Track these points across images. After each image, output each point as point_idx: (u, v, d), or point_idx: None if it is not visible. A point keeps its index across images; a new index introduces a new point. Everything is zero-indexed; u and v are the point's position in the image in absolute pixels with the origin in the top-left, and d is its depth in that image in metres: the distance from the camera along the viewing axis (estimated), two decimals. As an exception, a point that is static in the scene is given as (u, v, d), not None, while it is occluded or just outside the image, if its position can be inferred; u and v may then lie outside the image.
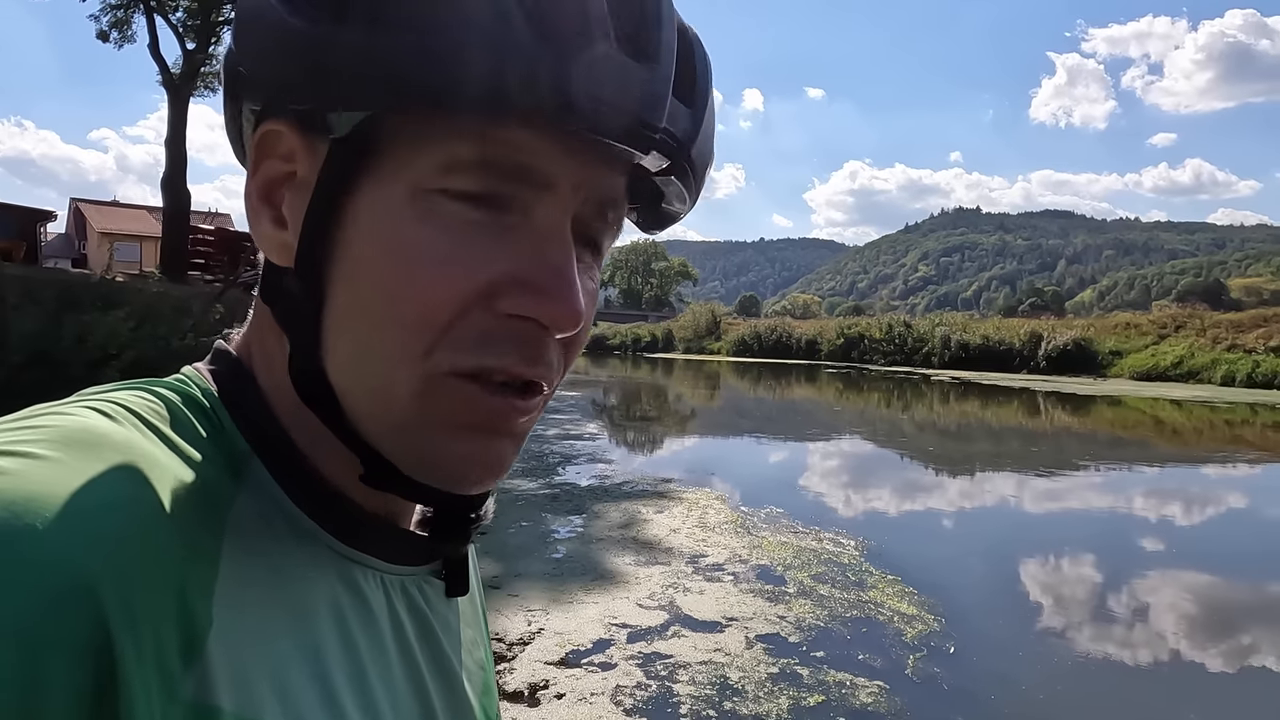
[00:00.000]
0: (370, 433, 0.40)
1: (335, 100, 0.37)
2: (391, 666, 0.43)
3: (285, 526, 0.40)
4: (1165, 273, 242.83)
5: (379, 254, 0.37)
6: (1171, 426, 16.79)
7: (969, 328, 38.13)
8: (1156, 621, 5.11)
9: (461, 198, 0.37)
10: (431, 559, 0.49)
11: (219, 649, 0.34)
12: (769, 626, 4.60)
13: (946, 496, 9.24)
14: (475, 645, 0.53)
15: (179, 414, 0.39)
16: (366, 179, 0.37)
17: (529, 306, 0.38)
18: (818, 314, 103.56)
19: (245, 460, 0.40)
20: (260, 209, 0.40)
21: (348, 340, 0.39)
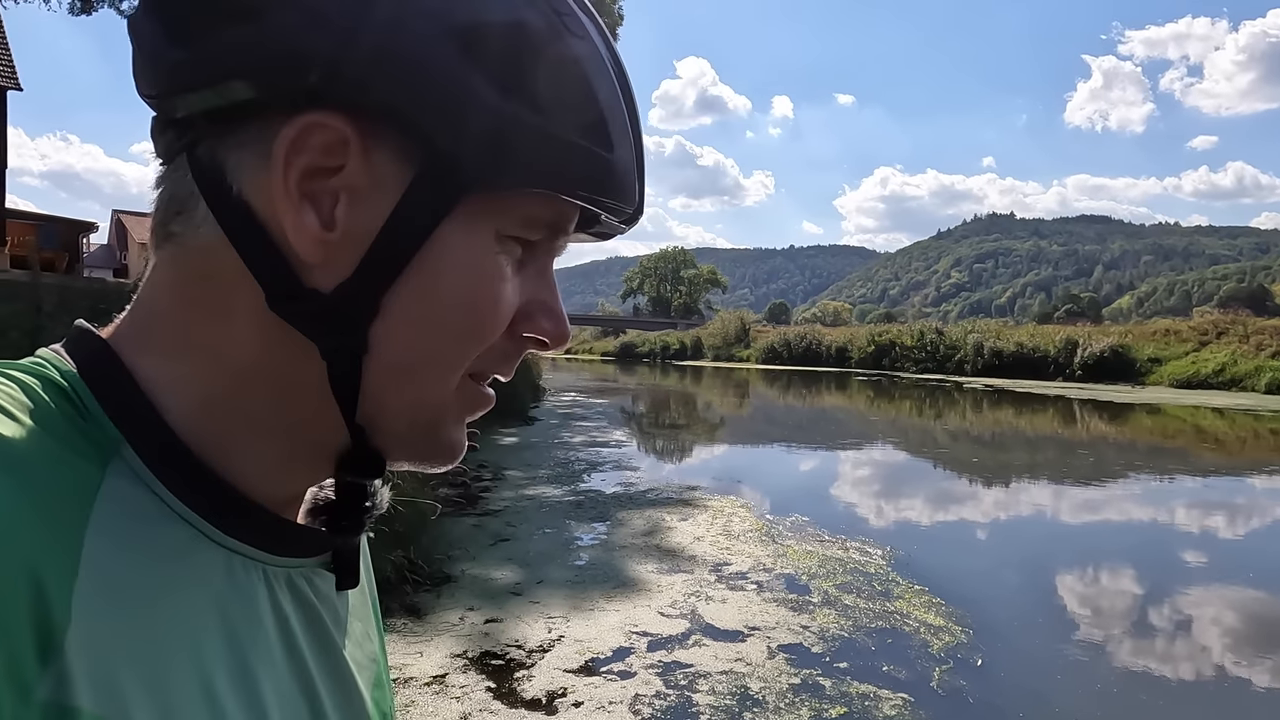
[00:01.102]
0: (385, 427, 0.43)
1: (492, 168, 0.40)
2: (275, 660, 0.42)
3: (159, 516, 0.38)
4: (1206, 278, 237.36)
5: (466, 280, 0.41)
6: (1214, 436, 16.33)
7: (1003, 334, 37.56)
8: (1198, 638, 4.95)
9: (520, 242, 0.43)
10: (323, 551, 0.47)
11: (79, 646, 0.32)
12: (792, 636, 4.53)
13: (978, 506, 9.06)
14: (366, 638, 0.52)
15: (36, 397, 0.36)
16: (457, 214, 0.40)
17: (545, 330, 0.45)
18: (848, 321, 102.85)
19: (115, 447, 0.38)
20: (302, 204, 0.39)
21: (403, 349, 0.41)
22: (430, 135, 0.38)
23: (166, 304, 0.42)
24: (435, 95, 0.38)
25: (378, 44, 0.37)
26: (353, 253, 0.39)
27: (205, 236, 0.40)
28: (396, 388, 0.42)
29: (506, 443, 11.97)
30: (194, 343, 0.41)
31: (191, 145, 0.40)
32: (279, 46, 0.37)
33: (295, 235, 0.39)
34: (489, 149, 0.39)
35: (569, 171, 0.41)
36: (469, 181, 0.40)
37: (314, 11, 0.37)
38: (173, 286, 0.42)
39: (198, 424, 0.40)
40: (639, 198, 0.46)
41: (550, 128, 0.40)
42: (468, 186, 0.40)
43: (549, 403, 19.51)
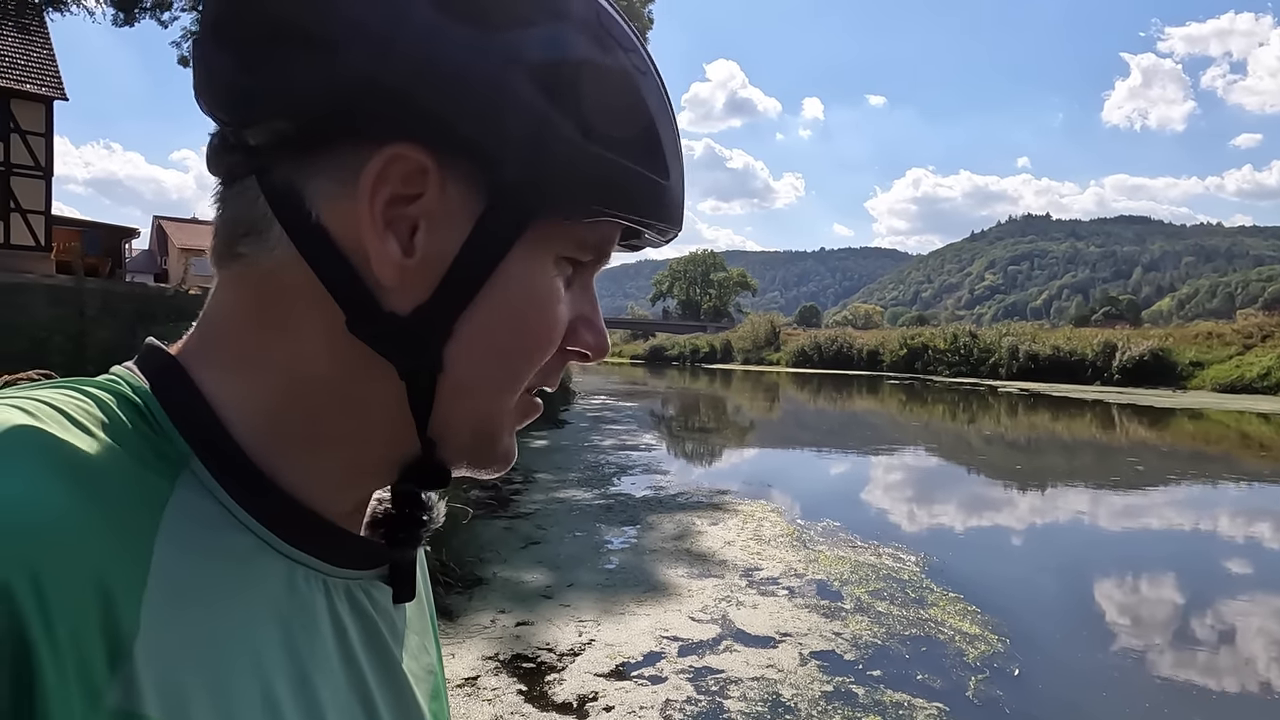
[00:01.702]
0: (449, 439, 0.44)
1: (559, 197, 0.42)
2: (335, 671, 0.43)
3: (226, 527, 0.39)
4: (1250, 280, 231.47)
5: (530, 303, 0.43)
6: (1259, 441, 15.90)
7: (1038, 338, 36.98)
8: (1243, 648, 4.81)
9: (571, 261, 0.45)
10: (380, 563, 0.48)
11: (147, 654, 0.33)
12: (824, 643, 4.49)
13: (1014, 512, 8.91)
14: (424, 651, 0.53)
15: (110, 413, 0.38)
16: (523, 240, 0.42)
17: (588, 344, 0.47)
18: (880, 324, 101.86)
19: (184, 460, 0.39)
20: (385, 231, 0.40)
21: (470, 368, 0.43)
22: (502, 165, 0.40)
23: (235, 322, 0.43)
24: (507, 127, 0.39)
25: (451, 76, 0.38)
26: (429, 278, 0.41)
27: (278, 258, 0.41)
28: (464, 404, 0.43)
29: (537, 446, 12.02)
30: (262, 359, 0.42)
31: (262, 170, 0.41)
32: (356, 78, 0.38)
33: (378, 261, 0.40)
34: (558, 179, 0.41)
35: (628, 198, 0.43)
36: (536, 209, 0.41)
37: (388, 44, 0.38)
38: (241, 305, 0.43)
39: (263, 438, 0.41)
40: (682, 215, 0.48)
41: (612, 156, 0.42)
42: (535, 214, 0.41)
43: (579, 406, 19.58)
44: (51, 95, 19.13)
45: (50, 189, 19.61)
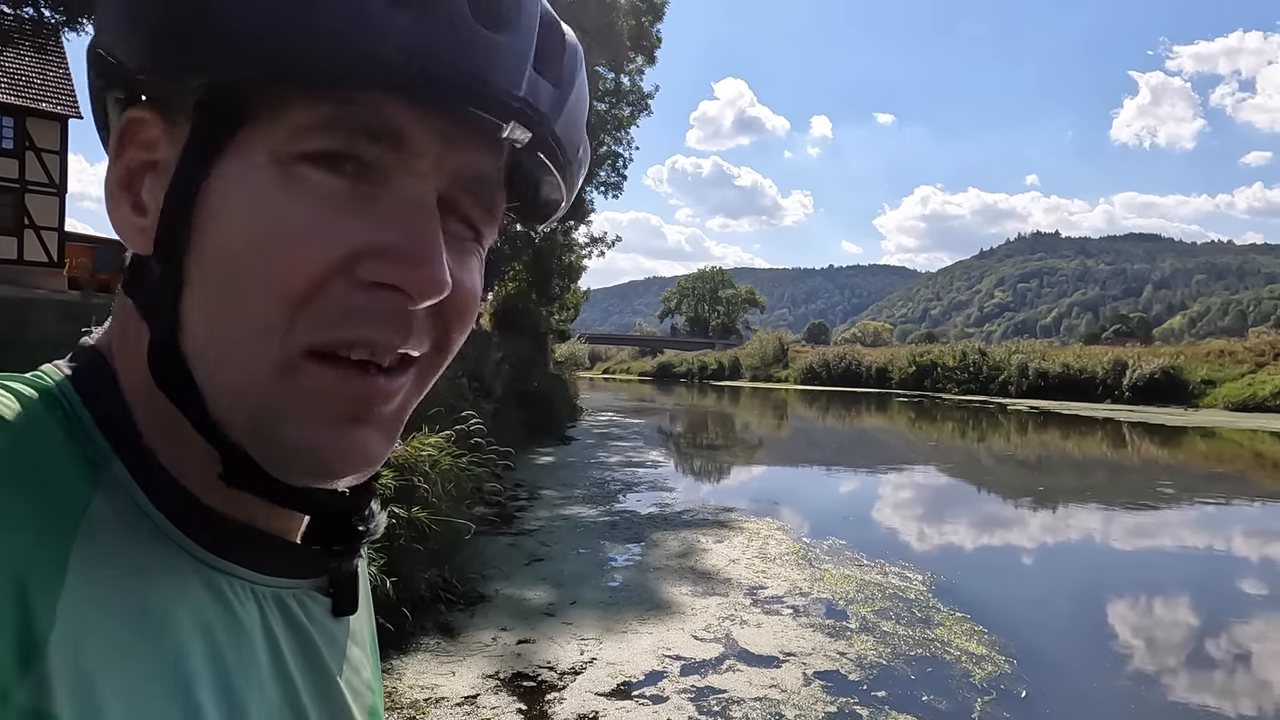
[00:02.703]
0: (229, 423, 0.38)
1: (184, 69, 0.36)
2: (263, 682, 0.41)
3: (145, 531, 0.37)
4: (1263, 298, 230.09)
5: (238, 225, 0.36)
6: (1273, 460, 15.74)
7: (1048, 355, 36.80)
8: (1258, 672, 4.73)
9: (323, 164, 0.36)
10: (315, 573, 0.46)
11: (60, 657, 0.32)
12: (828, 663, 4.43)
13: (1023, 531, 8.83)
14: (362, 664, 0.50)
15: (31, 409, 0.36)
16: (229, 152, 0.37)
17: (390, 273, 0.36)
18: (888, 341, 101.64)
19: (104, 460, 0.37)
20: (119, 196, 0.39)
21: (205, 320, 0.37)
22: (143, 83, 0.38)
23: (115, 316, 0.42)
24: (133, 44, 0.37)
25: (98, 11, 0.39)
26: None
27: None
28: (214, 368, 0.37)
29: (542, 462, 12.00)
30: (128, 354, 0.40)
31: None
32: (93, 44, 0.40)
33: (120, 229, 0.39)
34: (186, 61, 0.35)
35: (305, 51, 0.34)
36: (205, 111, 0.37)
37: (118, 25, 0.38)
38: (117, 299, 0.42)
39: (157, 438, 0.39)
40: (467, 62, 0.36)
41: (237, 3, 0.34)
42: (212, 118, 0.37)
43: (585, 422, 19.55)
44: (66, 114, 19.37)
45: (64, 206, 19.81)
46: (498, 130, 0.38)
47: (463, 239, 0.42)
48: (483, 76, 0.36)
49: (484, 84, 0.36)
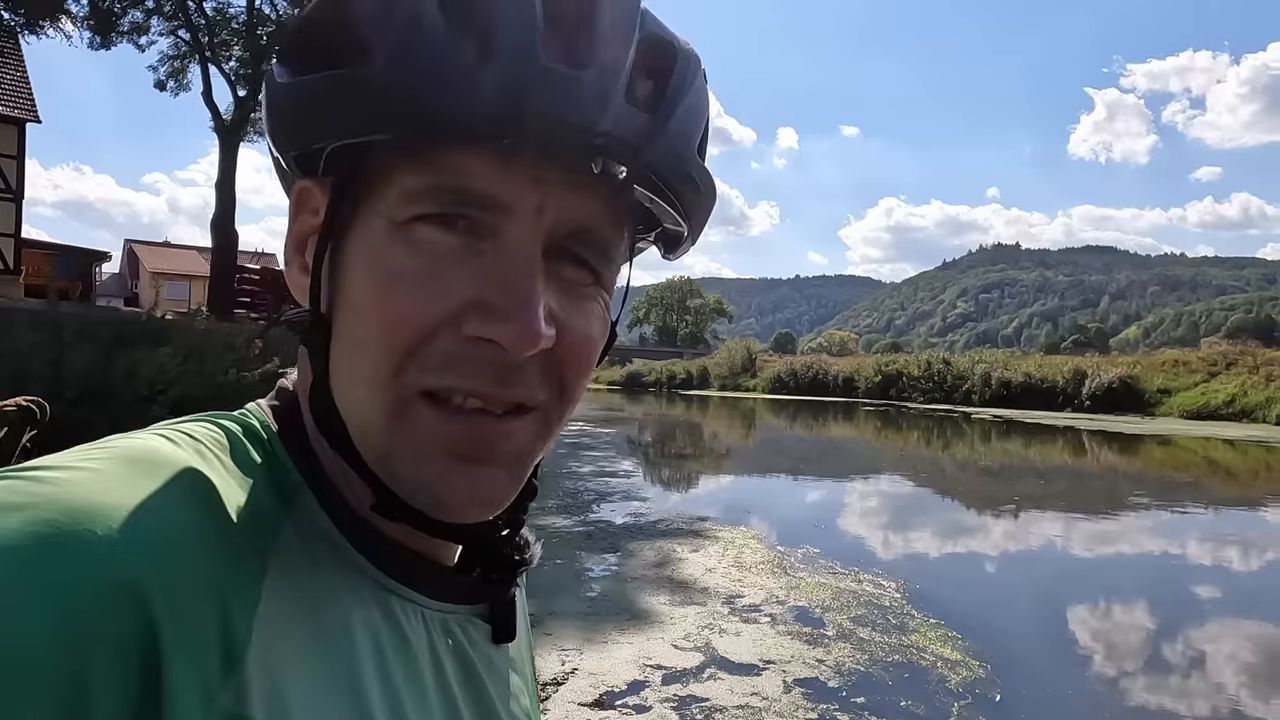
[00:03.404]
0: (368, 459, 0.41)
1: (302, 140, 0.41)
2: (429, 703, 0.43)
3: (329, 556, 0.42)
4: (1214, 309, 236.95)
5: (364, 281, 0.40)
6: (1226, 467, 16.21)
7: (1010, 365, 37.44)
8: (1215, 674, 4.88)
9: (437, 223, 0.39)
10: (476, 600, 0.49)
11: (256, 665, 0.35)
12: (808, 670, 4.49)
13: (991, 539, 8.99)
14: (521, 692, 0.53)
15: (237, 444, 0.42)
16: (360, 214, 0.41)
17: (489, 329, 0.39)
18: (854, 351, 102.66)
19: (296, 490, 0.42)
20: (294, 259, 0.45)
21: (343, 367, 0.41)
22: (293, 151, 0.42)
23: (301, 358, 0.47)
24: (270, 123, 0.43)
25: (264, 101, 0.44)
26: None
27: None
28: (349, 410, 0.42)
29: (515, 472, 11.92)
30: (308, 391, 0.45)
31: None
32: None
33: (291, 287, 0.45)
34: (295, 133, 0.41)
35: (391, 115, 0.37)
36: (340, 180, 0.41)
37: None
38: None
39: (334, 468, 0.44)
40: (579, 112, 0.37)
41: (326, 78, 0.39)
42: (342, 186, 0.41)
43: (557, 432, 19.45)
44: (24, 118, 18.93)
45: (20, 212, 19.32)
46: (590, 171, 0.38)
47: (579, 284, 0.43)
48: (563, 119, 0.37)
49: (566, 126, 0.37)
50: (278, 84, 0.41)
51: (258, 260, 29.64)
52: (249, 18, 20.96)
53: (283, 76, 0.41)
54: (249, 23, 20.94)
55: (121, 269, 43.93)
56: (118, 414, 8.10)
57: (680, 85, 0.41)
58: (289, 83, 0.40)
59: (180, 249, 44.47)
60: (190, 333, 10.19)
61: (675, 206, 0.43)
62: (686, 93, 0.42)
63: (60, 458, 0.36)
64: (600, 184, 0.40)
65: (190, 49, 21.43)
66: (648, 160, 0.40)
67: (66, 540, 0.31)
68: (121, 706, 0.31)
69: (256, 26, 20.88)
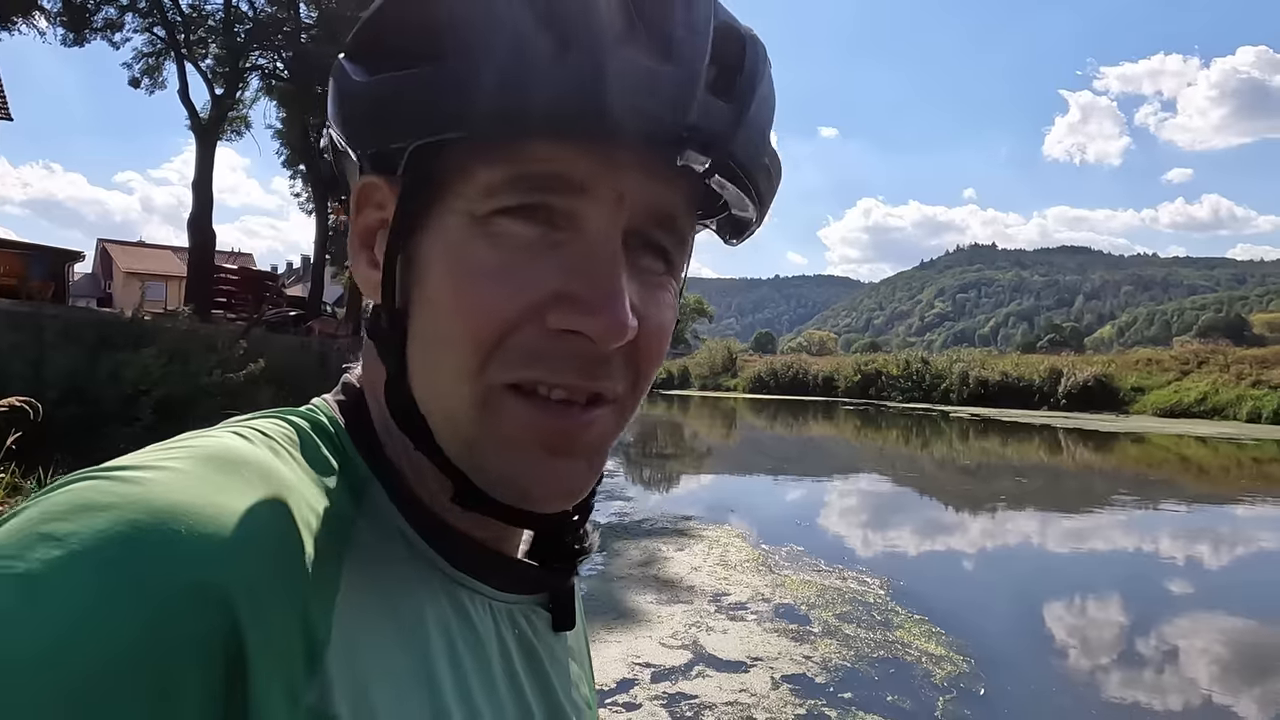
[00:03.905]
0: (450, 452, 0.42)
1: (381, 140, 0.40)
2: (498, 692, 0.44)
3: (401, 549, 0.42)
4: (1185, 308, 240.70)
5: (443, 276, 0.40)
6: (1198, 464, 16.51)
7: (988, 364, 37.87)
8: (1189, 666, 5.00)
9: (518, 214, 0.39)
10: (538, 589, 0.50)
11: (337, 662, 0.35)
12: (795, 666, 4.54)
13: (971, 535, 9.11)
14: (581, 681, 0.53)
15: (308, 440, 0.42)
16: (435, 211, 0.40)
17: (575, 320, 0.39)
18: (834, 351, 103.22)
19: (366, 485, 0.43)
20: (359, 254, 0.45)
21: (422, 362, 0.41)
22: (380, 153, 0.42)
23: (365, 358, 0.48)
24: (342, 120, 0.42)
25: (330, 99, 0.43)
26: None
27: None
28: (432, 408, 0.42)
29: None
30: (375, 393, 0.46)
31: None
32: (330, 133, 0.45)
33: (362, 284, 0.45)
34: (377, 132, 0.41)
35: (473, 112, 0.37)
36: (414, 177, 0.41)
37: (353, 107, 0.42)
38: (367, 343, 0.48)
39: (403, 463, 0.44)
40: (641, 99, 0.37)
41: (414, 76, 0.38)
42: (419, 182, 0.41)
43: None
44: (-4, 115, 18.59)
45: (-8, 210, 18.98)
46: (673, 162, 0.39)
47: (654, 273, 0.43)
48: (650, 112, 0.37)
49: (652, 119, 0.37)
50: (355, 82, 0.40)
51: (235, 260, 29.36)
52: (226, 15, 20.73)
53: (359, 75, 0.40)
54: (226, 20, 20.70)
55: (94, 269, 43.30)
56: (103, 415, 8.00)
57: (754, 74, 0.42)
58: (370, 81, 0.40)
59: (155, 249, 43.91)
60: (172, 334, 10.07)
61: (751, 194, 0.44)
62: (761, 81, 0.42)
63: (139, 457, 0.36)
64: (678, 172, 0.40)
65: (166, 46, 21.16)
66: (730, 151, 0.40)
67: (152, 541, 0.31)
68: (209, 710, 0.30)
69: (234, 24, 20.65)
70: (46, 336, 7.79)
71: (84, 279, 40.27)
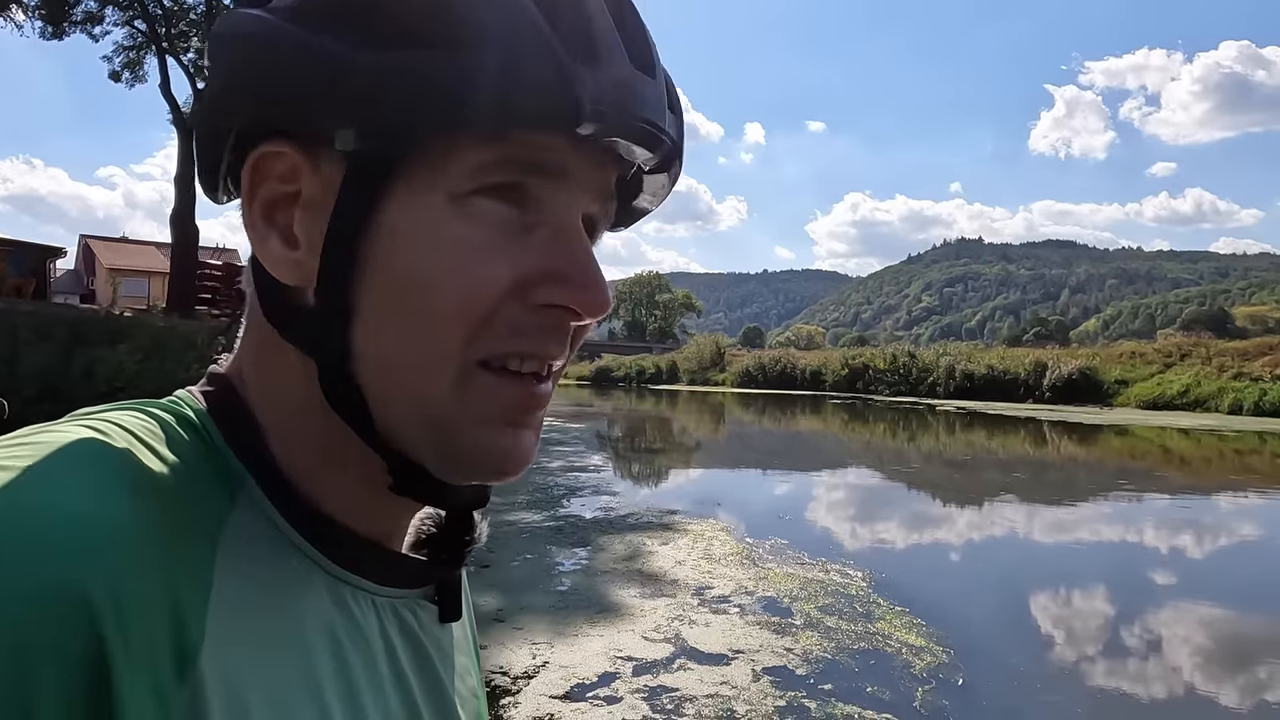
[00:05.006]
0: (404, 435, 0.41)
1: (362, 120, 0.37)
2: (384, 688, 0.43)
3: (278, 545, 0.41)
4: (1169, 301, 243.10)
5: (422, 255, 0.38)
6: (1180, 456, 16.68)
7: (974, 357, 38.06)
8: (1170, 656, 5.04)
9: (491, 195, 0.39)
10: (425, 582, 0.49)
11: (211, 664, 0.34)
12: (776, 659, 4.55)
13: (954, 528, 9.16)
14: (468, 672, 0.53)
15: (173, 433, 0.39)
16: (398, 191, 0.38)
17: (564, 296, 0.40)
18: (822, 345, 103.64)
19: (239, 479, 0.40)
20: (266, 231, 0.41)
21: (384, 344, 0.39)
22: (321, 124, 0.38)
23: (247, 348, 0.45)
24: (308, 86, 0.37)
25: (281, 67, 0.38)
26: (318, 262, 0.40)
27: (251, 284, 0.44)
28: (393, 389, 0.40)
29: (484, 468, 11.86)
30: (270, 381, 0.43)
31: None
32: (218, 94, 0.40)
33: (269, 262, 0.41)
34: (367, 113, 0.37)
35: (473, 101, 0.36)
36: (380, 154, 0.38)
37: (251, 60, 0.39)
38: (248, 332, 0.45)
39: (296, 458, 0.43)
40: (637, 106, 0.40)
41: (407, 58, 0.36)
42: (385, 159, 0.38)
43: (526, 428, 19.37)
44: (-27, 109, 18.38)
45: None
46: (645, 159, 0.43)
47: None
48: (650, 119, 0.41)
49: (651, 125, 0.41)
50: (313, 47, 0.37)
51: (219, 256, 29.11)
52: (207, 8, 20.56)
53: (352, 47, 0.37)
54: (207, 13, 20.54)
55: (77, 265, 42.88)
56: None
57: (673, 85, 0.45)
58: (337, 51, 0.37)
59: (138, 244, 43.55)
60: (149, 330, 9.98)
61: (671, 188, 0.49)
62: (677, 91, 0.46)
63: None
64: (621, 166, 0.43)
65: (147, 40, 20.97)
66: (682, 151, 0.45)
67: (3, 543, 0.29)
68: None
69: (215, 17, 20.48)
70: (20, 334, 7.69)
71: (66, 275, 39.86)
